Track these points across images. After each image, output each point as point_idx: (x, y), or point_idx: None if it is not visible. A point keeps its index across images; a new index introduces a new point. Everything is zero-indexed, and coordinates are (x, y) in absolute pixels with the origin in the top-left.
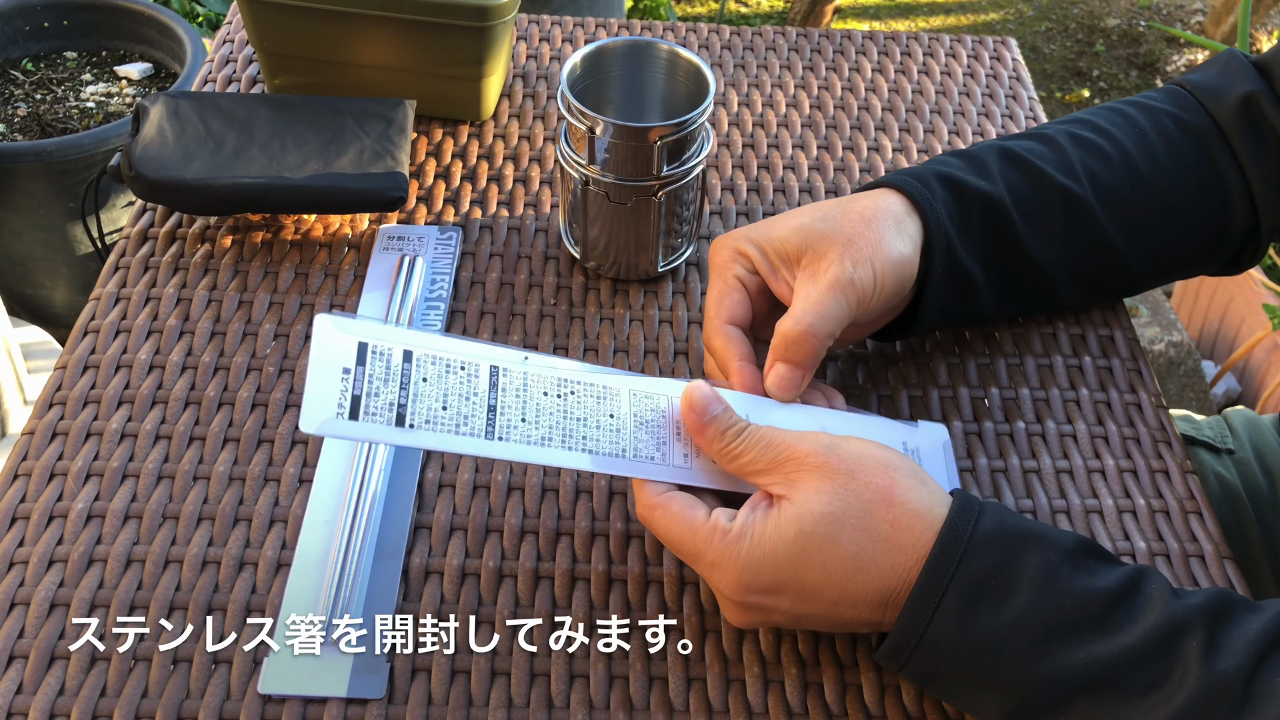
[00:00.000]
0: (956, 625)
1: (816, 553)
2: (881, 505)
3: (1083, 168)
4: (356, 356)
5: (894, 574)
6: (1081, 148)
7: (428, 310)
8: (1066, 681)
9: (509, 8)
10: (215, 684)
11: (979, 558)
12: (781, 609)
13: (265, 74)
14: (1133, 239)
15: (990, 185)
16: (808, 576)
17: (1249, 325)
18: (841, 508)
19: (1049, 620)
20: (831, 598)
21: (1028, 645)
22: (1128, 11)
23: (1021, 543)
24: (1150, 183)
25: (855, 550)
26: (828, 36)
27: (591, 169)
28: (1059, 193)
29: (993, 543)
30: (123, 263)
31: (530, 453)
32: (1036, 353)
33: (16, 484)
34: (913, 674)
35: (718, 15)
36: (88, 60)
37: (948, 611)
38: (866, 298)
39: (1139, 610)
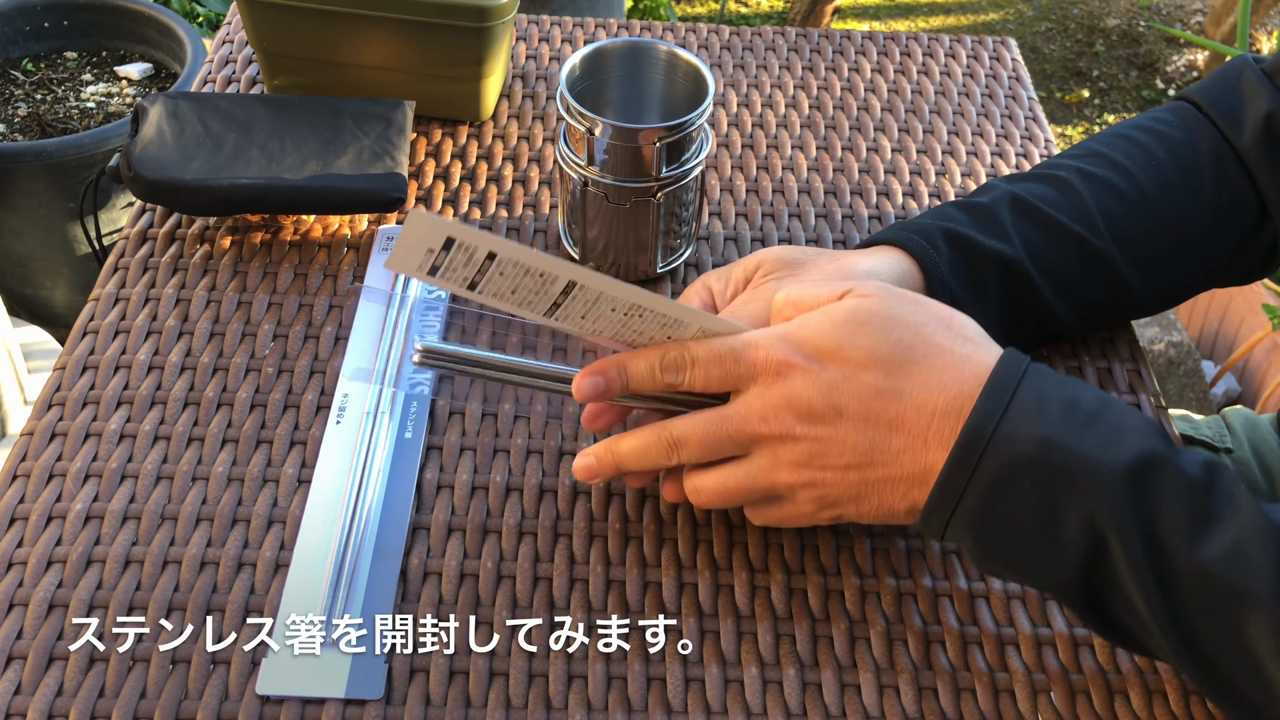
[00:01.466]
0: (1036, 406)
1: (864, 334)
2: (942, 325)
3: (1098, 210)
4: (443, 245)
5: (960, 364)
6: (1095, 187)
7: (426, 311)
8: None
9: (508, 8)
10: (214, 684)
11: (1041, 374)
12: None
13: (265, 74)
14: (1149, 277)
15: (1006, 246)
16: (853, 355)
17: (1249, 325)
18: (900, 309)
19: (1118, 423)
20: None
21: (1103, 438)
22: (1128, 11)
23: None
24: (1166, 218)
25: (908, 342)
26: (827, 37)
27: (590, 170)
28: (1076, 243)
29: (1047, 371)
30: (122, 263)
31: (582, 326)
32: (1037, 356)
33: (15, 484)
34: (984, 481)
35: (717, 15)
36: (88, 60)
37: (1028, 391)
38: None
39: (1190, 453)
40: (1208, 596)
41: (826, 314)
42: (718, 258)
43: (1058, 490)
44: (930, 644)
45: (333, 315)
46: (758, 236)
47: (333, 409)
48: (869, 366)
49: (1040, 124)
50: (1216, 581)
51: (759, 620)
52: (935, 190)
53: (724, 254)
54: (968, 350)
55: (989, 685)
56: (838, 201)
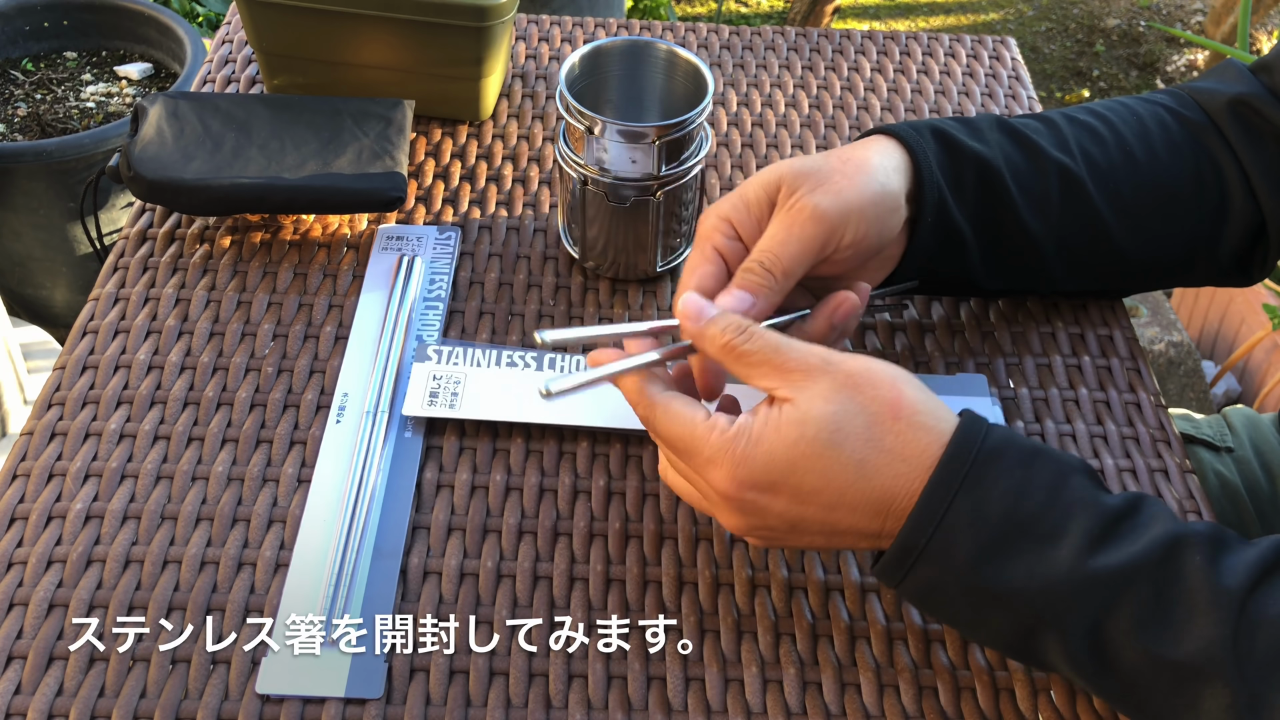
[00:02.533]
0: (968, 526)
1: (817, 457)
2: (888, 417)
3: (1078, 146)
4: None
5: (897, 482)
6: (1078, 129)
7: (426, 310)
8: (1074, 590)
9: (508, 8)
10: (214, 684)
11: (990, 465)
12: (776, 511)
13: (264, 74)
14: (1125, 222)
15: (986, 149)
16: (805, 479)
17: (1249, 325)
18: (847, 416)
19: (1059, 527)
20: (829, 501)
21: (1037, 550)
22: (1128, 11)
23: (1031, 455)
24: (1145, 169)
25: (858, 458)
26: (827, 36)
27: (590, 169)
28: (1054, 166)
29: (1004, 451)
30: (122, 263)
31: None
32: (1035, 352)
33: (15, 484)
34: (914, 588)
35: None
36: (88, 60)
37: (959, 513)
38: (836, 230)
39: (1143, 524)
40: (1160, 678)
41: (778, 433)
42: None
43: (989, 603)
44: (930, 643)
45: (332, 315)
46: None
47: (332, 409)
48: (819, 492)
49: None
50: (1168, 665)
51: (759, 620)
52: None
53: None
54: (916, 448)
55: (989, 684)
56: None
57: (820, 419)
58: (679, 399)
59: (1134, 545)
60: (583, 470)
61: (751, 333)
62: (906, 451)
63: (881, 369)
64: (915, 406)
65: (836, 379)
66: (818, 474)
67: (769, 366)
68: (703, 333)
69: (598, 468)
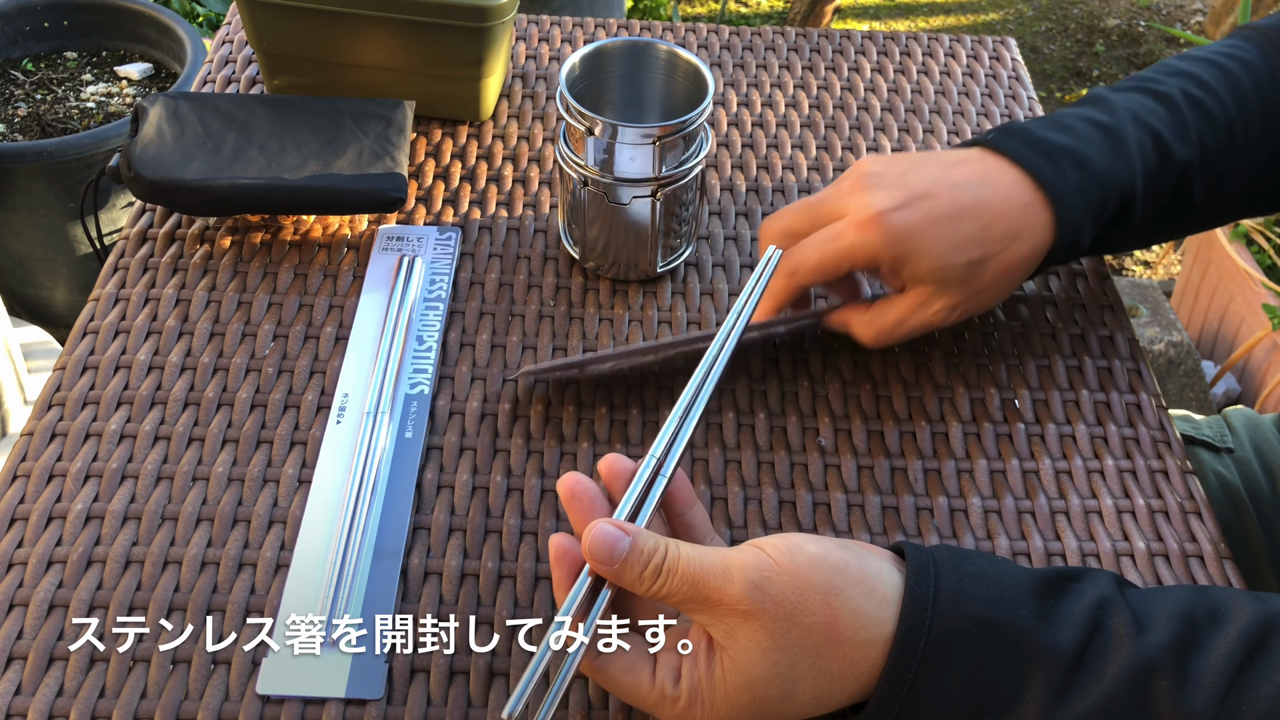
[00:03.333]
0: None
1: (774, 705)
2: (830, 645)
3: (1197, 135)
4: None
5: (855, 698)
6: (1196, 112)
7: (427, 310)
8: None
9: (508, 8)
10: (214, 684)
11: (937, 659)
12: None
13: (264, 74)
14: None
15: (1127, 170)
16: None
17: (1249, 325)
18: (789, 661)
19: (1018, 690)
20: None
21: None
22: (1128, 11)
23: (985, 627)
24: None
25: (813, 695)
26: (827, 36)
27: (590, 169)
28: (1178, 172)
29: (953, 635)
30: (122, 263)
31: None
32: (1036, 354)
33: (15, 485)
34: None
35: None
36: (88, 60)
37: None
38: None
39: (1106, 657)
40: None
41: (728, 699)
42: (717, 257)
43: None
44: None
45: (333, 315)
46: (758, 236)
47: (333, 409)
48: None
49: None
50: None
51: None
52: None
53: (724, 254)
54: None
55: None
56: None
57: (766, 677)
58: (616, 663)
59: (1100, 684)
60: (584, 471)
61: (664, 572)
62: (857, 672)
63: (810, 581)
64: (854, 622)
65: (765, 617)
66: (782, 714)
67: (692, 602)
68: (619, 576)
69: None
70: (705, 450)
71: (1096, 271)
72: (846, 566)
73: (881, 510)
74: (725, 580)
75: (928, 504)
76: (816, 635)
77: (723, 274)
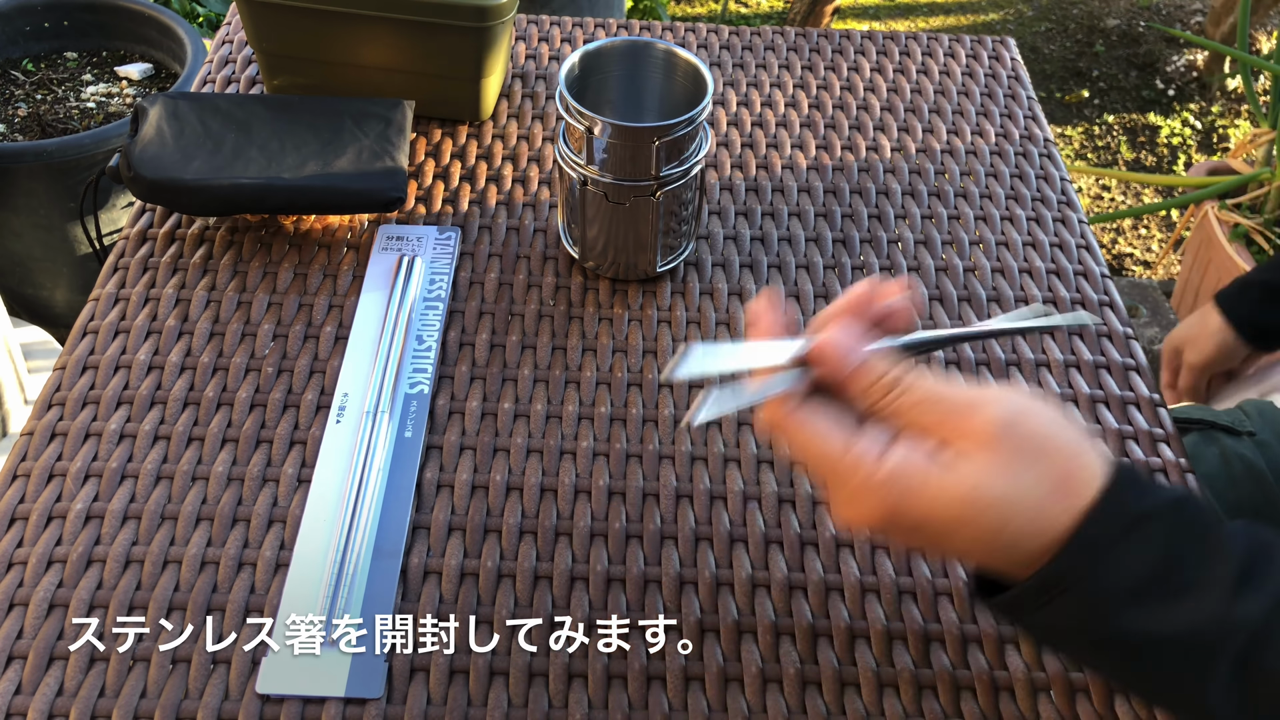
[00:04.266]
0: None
1: (977, 525)
2: (1059, 495)
3: None
4: None
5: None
6: None
7: (426, 310)
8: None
9: (507, 8)
10: (214, 684)
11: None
12: (904, 540)
13: (264, 74)
14: None
15: None
16: (957, 538)
17: None
18: (1017, 497)
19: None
20: (973, 553)
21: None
22: (1127, 11)
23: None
24: None
25: (1017, 533)
26: (826, 36)
27: (590, 169)
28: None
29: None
30: (122, 263)
31: None
32: (1035, 352)
33: (15, 484)
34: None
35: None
36: (88, 60)
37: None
38: None
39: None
40: None
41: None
42: (717, 256)
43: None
44: (929, 642)
45: (332, 315)
46: (757, 235)
47: (332, 409)
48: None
49: (1040, 124)
50: None
51: (758, 619)
52: (934, 190)
53: (723, 253)
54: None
55: (988, 684)
56: (837, 201)
57: (993, 496)
58: (821, 414)
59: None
60: (583, 470)
61: (901, 388)
62: (1062, 525)
63: (1061, 434)
64: (1088, 485)
65: (1009, 452)
66: (969, 540)
67: (928, 423)
68: (849, 379)
69: (598, 467)
70: (705, 449)
71: (1096, 271)
72: (1086, 438)
73: None
74: (973, 407)
75: None
76: (1048, 484)
77: (722, 273)
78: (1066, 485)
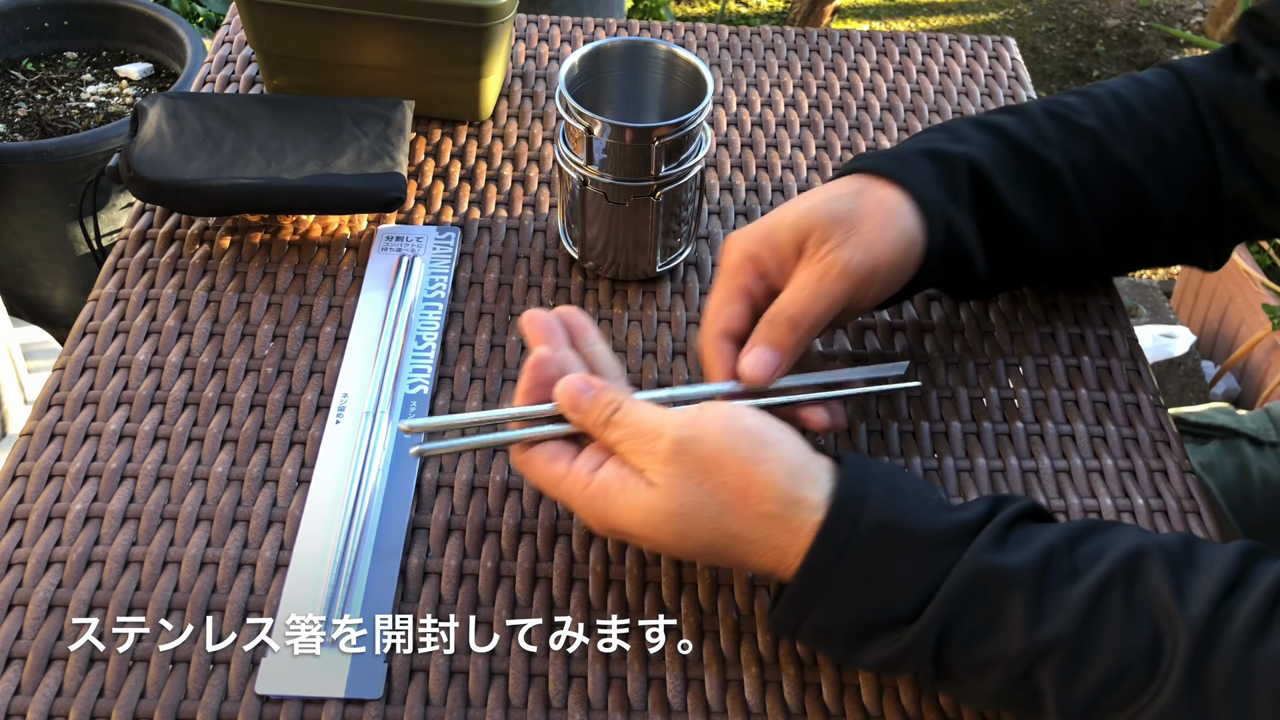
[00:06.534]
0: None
1: (663, 539)
2: (736, 505)
3: (1054, 138)
4: None
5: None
6: (1053, 120)
7: (426, 310)
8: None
9: (507, 8)
10: (214, 684)
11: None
12: (645, 546)
13: (264, 74)
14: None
15: (970, 148)
16: (659, 547)
17: (1249, 325)
18: (692, 509)
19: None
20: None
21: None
22: (1128, 11)
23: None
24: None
25: (705, 542)
26: (827, 36)
27: (589, 169)
28: (1033, 157)
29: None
30: (121, 263)
31: None
32: (1035, 353)
33: (15, 485)
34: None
35: (718, 16)
36: (88, 60)
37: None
38: (864, 284)
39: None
40: None
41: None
42: (717, 257)
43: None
44: None
45: (332, 315)
46: None
47: (332, 409)
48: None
49: None
50: None
51: (758, 620)
52: None
53: None
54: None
55: None
56: None
57: (665, 510)
58: (541, 453)
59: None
60: None
61: (615, 416)
62: (753, 534)
63: (734, 448)
64: (765, 492)
65: (683, 471)
66: (668, 549)
67: (630, 448)
68: (581, 423)
69: None
70: None
71: None
72: (774, 443)
73: None
74: (660, 429)
75: None
76: (725, 494)
77: None
78: (746, 494)
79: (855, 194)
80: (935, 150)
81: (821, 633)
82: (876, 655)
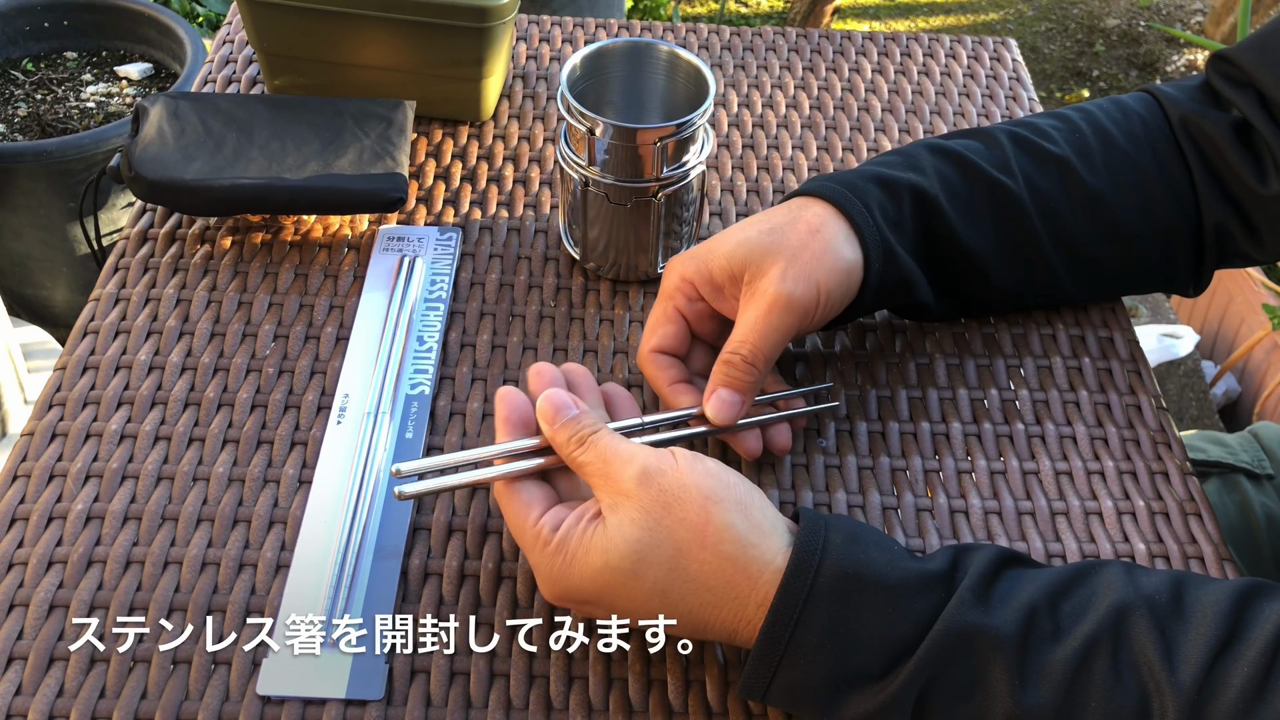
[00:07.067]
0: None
1: (621, 586)
2: (694, 546)
3: (1019, 166)
4: None
5: (704, 612)
6: (1018, 147)
7: (427, 311)
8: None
9: (509, 8)
10: (214, 685)
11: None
12: (600, 614)
13: (265, 74)
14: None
15: (921, 178)
16: (615, 603)
17: (1249, 325)
18: (648, 544)
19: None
20: (643, 615)
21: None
22: (1128, 11)
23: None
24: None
25: (660, 589)
26: (828, 37)
27: (591, 170)
28: (989, 184)
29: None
30: (122, 263)
31: None
32: (1036, 354)
33: (16, 485)
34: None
35: (718, 16)
36: (88, 60)
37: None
38: (810, 313)
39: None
40: None
41: (586, 558)
42: None
43: None
44: None
45: (333, 315)
46: None
47: (333, 409)
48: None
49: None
50: None
51: None
52: None
53: None
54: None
55: None
56: None
57: (622, 550)
58: (521, 493)
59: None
60: None
61: (587, 442)
62: (711, 581)
63: (696, 484)
64: (722, 533)
65: (644, 501)
66: (624, 600)
67: (598, 475)
68: (554, 437)
69: None
70: (706, 450)
71: None
72: (735, 487)
73: (882, 510)
74: (629, 461)
75: (928, 504)
76: (684, 531)
77: None
78: (704, 532)
79: (792, 223)
80: (884, 177)
81: (792, 692)
82: (852, 712)
